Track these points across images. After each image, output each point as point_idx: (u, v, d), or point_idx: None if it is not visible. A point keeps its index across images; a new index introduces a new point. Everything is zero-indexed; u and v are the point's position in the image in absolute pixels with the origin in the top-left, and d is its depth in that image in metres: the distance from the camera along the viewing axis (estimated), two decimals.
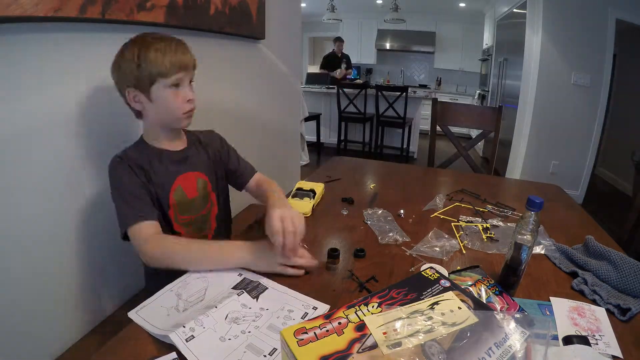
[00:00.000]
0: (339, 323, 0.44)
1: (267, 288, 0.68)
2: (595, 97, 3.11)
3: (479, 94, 5.62)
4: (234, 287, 0.68)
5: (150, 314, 0.60)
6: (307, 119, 3.96)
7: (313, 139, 4.48)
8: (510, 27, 4.00)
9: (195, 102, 0.84)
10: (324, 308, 0.63)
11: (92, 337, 0.95)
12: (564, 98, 3.15)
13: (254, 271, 0.72)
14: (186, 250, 0.73)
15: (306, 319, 0.61)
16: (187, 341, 0.53)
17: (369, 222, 0.95)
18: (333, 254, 0.77)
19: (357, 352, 0.40)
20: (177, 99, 0.80)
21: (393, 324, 0.43)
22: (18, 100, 0.75)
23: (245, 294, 0.65)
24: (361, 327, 0.43)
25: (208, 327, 0.56)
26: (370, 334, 0.42)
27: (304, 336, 0.42)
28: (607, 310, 0.65)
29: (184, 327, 0.54)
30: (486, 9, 5.43)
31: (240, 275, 0.71)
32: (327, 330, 0.43)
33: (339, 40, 5.15)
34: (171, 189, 0.85)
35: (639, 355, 0.55)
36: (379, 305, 0.48)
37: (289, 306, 0.64)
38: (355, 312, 0.46)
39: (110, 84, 0.96)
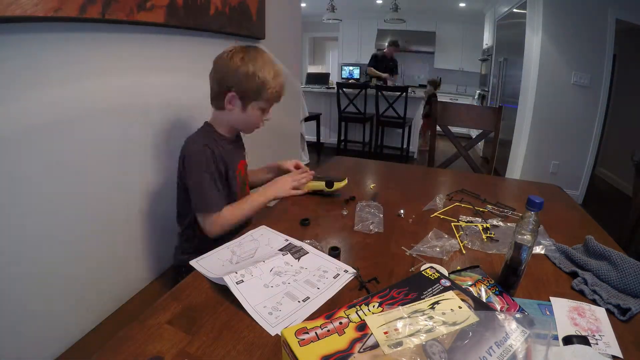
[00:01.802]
0: (340, 323, 0.44)
1: (307, 252, 0.79)
2: (595, 97, 3.11)
3: (479, 94, 5.63)
4: (280, 249, 0.80)
5: (208, 264, 0.74)
6: (307, 119, 3.96)
7: (313, 139, 4.49)
8: (510, 27, 4.00)
9: None
10: (352, 272, 0.73)
11: (92, 337, 0.95)
12: (564, 98, 3.16)
13: (282, 197, 1.04)
14: (240, 210, 0.97)
15: (337, 279, 0.71)
16: (237, 284, 0.64)
17: (357, 210, 0.99)
18: (333, 252, 0.78)
19: (359, 351, 0.40)
20: (259, 119, 0.99)
21: (394, 324, 0.43)
22: (18, 100, 0.75)
23: (289, 255, 0.77)
24: (362, 326, 0.43)
25: (255, 276, 0.68)
26: (372, 333, 0.42)
27: (305, 336, 0.42)
28: (607, 310, 0.65)
29: (236, 273, 0.66)
30: (486, 9, 5.43)
31: (286, 240, 0.84)
32: (328, 330, 0.43)
33: (393, 45, 5.01)
34: (236, 170, 1.03)
35: (639, 355, 0.55)
36: (380, 305, 0.48)
37: (324, 267, 0.75)
38: (356, 312, 0.46)
39: (110, 85, 0.96)
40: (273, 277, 0.70)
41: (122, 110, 1.02)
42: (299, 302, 0.64)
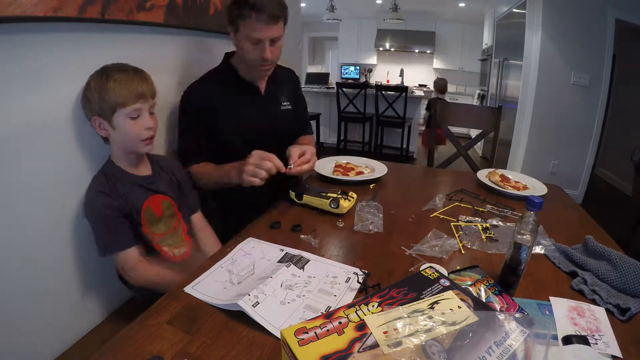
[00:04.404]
0: (340, 322, 0.44)
1: (309, 260, 0.76)
2: (595, 97, 3.11)
3: (479, 94, 5.63)
4: (280, 261, 0.76)
5: (206, 288, 0.67)
6: None
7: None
8: (509, 27, 4.00)
9: (155, 130, 0.91)
10: (362, 273, 0.70)
11: (92, 337, 0.95)
12: (564, 98, 3.16)
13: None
14: (167, 277, 0.88)
15: (350, 283, 0.70)
16: (253, 306, 0.60)
17: (356, 209, 0.99)
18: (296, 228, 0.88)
19: (358, 351, 0.40)
20: (135, 128, 0.87)
21: (394, 324, 0.43)
22: (17, 99, 0.75)
23: (292, 265, 0.74)
24: (361, 326, 0.43)
25: (269, 294, 0.64)
26: (371, 333, 0.42)
27: (305, 336, 0.42)
28: (607, 310, 0.65)
29: (248, 295, 0.61)
30: (486, 9, 5.43)
31: (282, 250, 0.80)
32: (328, 330, 0.43)
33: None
34: (142, 210, 0.92)
35: (638, 355, 0.55)
36: (379, 304, 0.48)
37: (333, 273, 0.73)
38: (356, 312, 0.46)
39: None
40: (286, 292, 0.66)
41: None
42: (322, 313, 0.61)
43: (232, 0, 1.03)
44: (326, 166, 1.33)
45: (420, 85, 6.71)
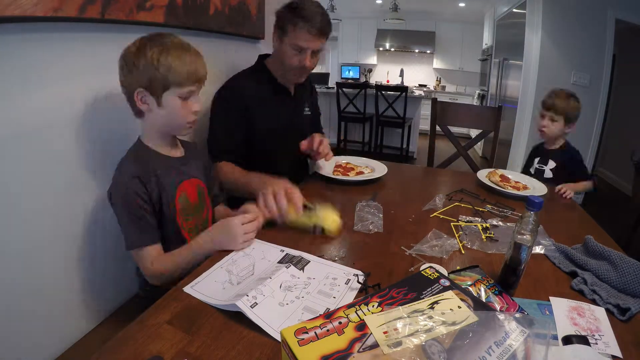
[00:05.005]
0: (340, 322, 0.44)
1: (309, 261, 0.76)
2: (595, 97, 3.11)
3: (479, 93, 5.63)
4: (280, 262, 0.75)
5: (206, 288, 0.67)
6: None
7: None
8: (509, 27, 4.01)
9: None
10: (362, 275, 0.70)
11: (92, 337, 0.95)
12: None
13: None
14: (177, 261, 0.82)
15: (350, 284, 0.69)
16: (252, 307, 0.59)
17: (356, 210, 0.99)
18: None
19: (358, 351, 0.40)
20: (184, 109, 0.83)
21: (394, 324, 0.43)
22: (17, 99, 0.75)
23: (292, 266, 0.73)
24: (361, 326, 0.43)
25: (267, 295, 0.63)
26: (371, 333, 0.42)
27: (305, 336, 0.42)
28: (607, 310, 0.65)
29: (247, 295, 0.61)
30: (486, 9, 5.43)
31: (282, 251, 0.80)
32: (328, 330, 0.43)
33: None
34: (176, 196, 0.87)
35: (638, 355, 0.55)
36: (379, 304, 0.48)
37: (333, 275, 0.72)
38: (356, 312, 0.46)
39: (110, 84, 0.96)
40: (285, 294, 0.65)
41: (123, 109, 1.02)
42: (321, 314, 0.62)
43: (286, 6, 1.13)
44: (326, 166, 1.33)
45: (420, 85, 6.71)
